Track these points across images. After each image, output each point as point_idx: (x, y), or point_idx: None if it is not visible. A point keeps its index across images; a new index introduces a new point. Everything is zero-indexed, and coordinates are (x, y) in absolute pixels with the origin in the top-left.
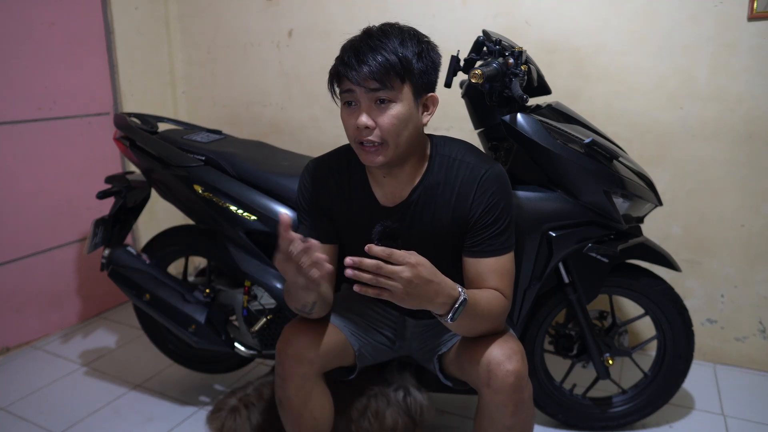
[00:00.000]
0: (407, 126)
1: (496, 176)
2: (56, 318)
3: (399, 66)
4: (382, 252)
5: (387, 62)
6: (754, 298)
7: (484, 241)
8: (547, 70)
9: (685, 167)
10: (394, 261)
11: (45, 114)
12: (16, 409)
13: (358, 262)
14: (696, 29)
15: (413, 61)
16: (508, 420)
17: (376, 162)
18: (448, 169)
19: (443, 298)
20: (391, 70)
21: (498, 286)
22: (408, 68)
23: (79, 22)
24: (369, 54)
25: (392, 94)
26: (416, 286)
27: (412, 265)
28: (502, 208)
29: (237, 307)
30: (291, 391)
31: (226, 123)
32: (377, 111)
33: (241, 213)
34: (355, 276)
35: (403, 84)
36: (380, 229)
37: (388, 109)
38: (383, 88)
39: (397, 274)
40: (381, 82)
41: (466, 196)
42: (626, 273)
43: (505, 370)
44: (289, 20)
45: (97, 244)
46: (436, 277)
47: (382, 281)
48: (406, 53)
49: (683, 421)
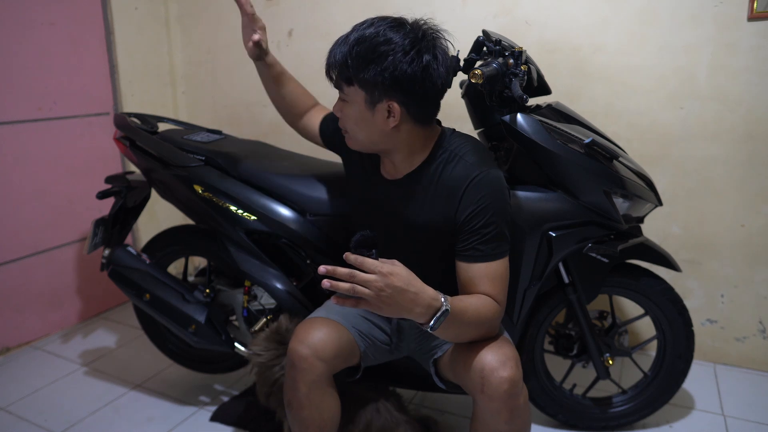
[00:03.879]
0: (362, 127)
1: (488, 180)
2: (56, 318)
3: (351, 66)
4: (355, 261)
5: (334, 61)
6: (754, 298)
7: (474, 246)
8: (547, 70)
9: (685, 167)
10: (367, 269)
11: (45, 114)
12: (16, 409)
13: (332, 271)
14: (696, 29)
15: (362, 66)
16: (503, 426)
17: (350, 145)
18: (447, 163)
19: (422, 308)
20: (343, 68)
21: (489, 291)
22: (361, 69)
23: (79, 22)
24: (336, 48)
25: (346, 92)
26: (390, 295)
27: (384, 274)
28: (492, 214)
29: (237, 307)
30: (301, 393)
31: (226, 123)
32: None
33: (241, 213)
34: (332, 286)
35: (350, 86)
36: (358, 238)
37: (344, 107)
38: (337, 84)
39: (369, 283)
40: (334, 79)
41: (455, 195)
42: (626, 273)
43: (499, 377)
44: (289, 20)
45: (97, 244)
46: (411, 287)
47: (358, 290)
48: (354, 57)
49: (683, 421)
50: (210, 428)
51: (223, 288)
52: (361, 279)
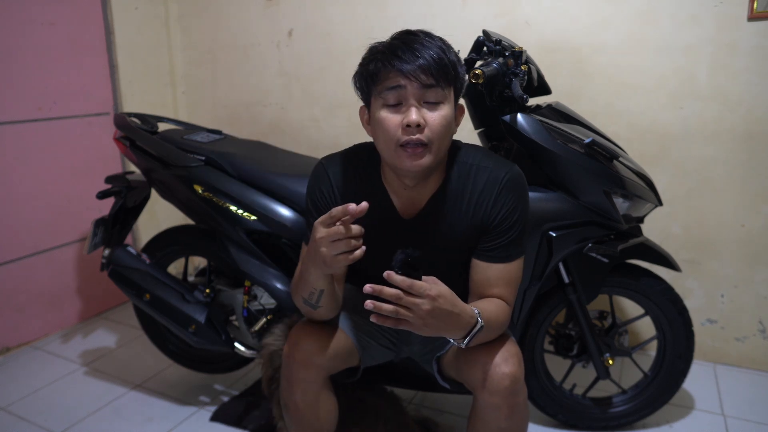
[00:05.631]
0: (449, 132)
1: (516, 179)
2: (56, 318)
3: (449, 66)
4: (402, 282)
5: (442, 60)
6: (754, 298)
7: (498, 247)
8: (547, 70)
9: (685, 167)
10: (415, 292)
11: (45, 114)
12: (16, 409)
13: (378, 291)
14: (696, 29)
15: (457, 65)
16: (502, 422)
17: (421, 165)
18: (466, 175)
19: (461, 327)
20: (445, 69)
21: (503, 294)
22: (456, 71)
23: (79, 22)
24: (422, 49)
25: (442, 95)
26: (435, 317)
27: (432, 298)
28: (519, 214)
29: (237, 307)
30: (298, 395)
31: (226, 123)
32: (425, 111)
33: (241, 213)
34: (375, 308)
35: (450, 86)
36: (402, 257)
37: (437, 110)
38: (436, 85)
39: (417, 306)
40: (436, 79)
41: (486, 201)
42: (626, 273)
43: (501, 373)
44: (289, 20)
45: (97, 244)
46: (455, 308)
47: (402, 312)
48: (452, 57)
49: (683, 421)
50: (210, 428)
51: (223, 288)
52: (410, 302)
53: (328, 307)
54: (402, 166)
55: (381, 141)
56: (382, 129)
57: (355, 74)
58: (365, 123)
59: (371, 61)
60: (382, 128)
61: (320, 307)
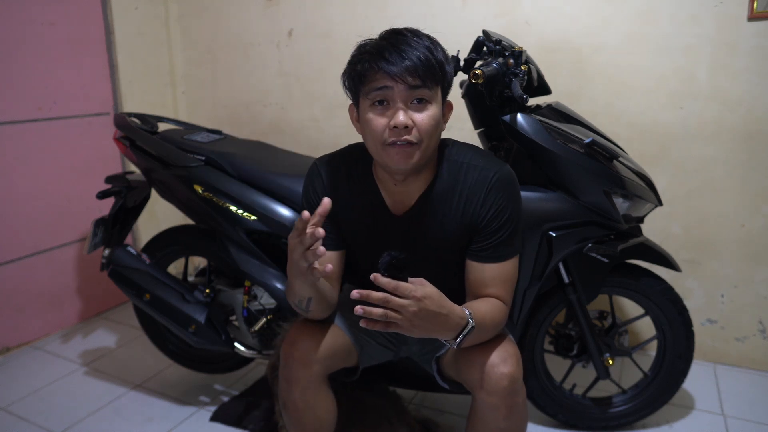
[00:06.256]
0: (437, 130)
1: (506, 179)
2: (56, 318)
3: (436, 67)
4: (388, 284)
5: (428, 60)
6: (754, 298)
7: (490, 247)
8: (547, 70)
9: (685, 167)
10: (400, 294)
11: (45, 114)
12: (16, 409)
13: (366, 295)
14: (696, 29)
15: (444, 64)
16: (501, 423)
17: (410, 163)
18: (457, 173)
19: (451, 328)
20: (431, 69)
21: (499, 293)
22: (443, 70)
23: (79, 22)
24: (408, 50)
25: (429, 95)
26: (423, 318)
27: (418, 299)
28: (510, 213)
29: (237, 307)
30: (296, 394)
31: (226, 123)
32: (413, 111)
33: (241, 213)
34: (365, 313)
35: (437, 86)
36: (387, 259)
37: (425, 109)
38: (423, 86)
39: (404, 308)
40: (422, 79)
41: (475, 200)
42: (626, 273)
43: (499, 373)
44: (289, 20)
45: (97, 244)
46: (443, 309)
47: (390, 315)
48: (439, 56)
49: (683, 421)
50: (210, 428)
51: (223, 288)
52: (396, 304)
53: (320, 309)
54: (390, 163)
55: (369, 140)
56: (369, 129)
57: (344, 73)
58: (354, 121)
59: (359, 61)
60: (369, 128)
61: (311, 311)
